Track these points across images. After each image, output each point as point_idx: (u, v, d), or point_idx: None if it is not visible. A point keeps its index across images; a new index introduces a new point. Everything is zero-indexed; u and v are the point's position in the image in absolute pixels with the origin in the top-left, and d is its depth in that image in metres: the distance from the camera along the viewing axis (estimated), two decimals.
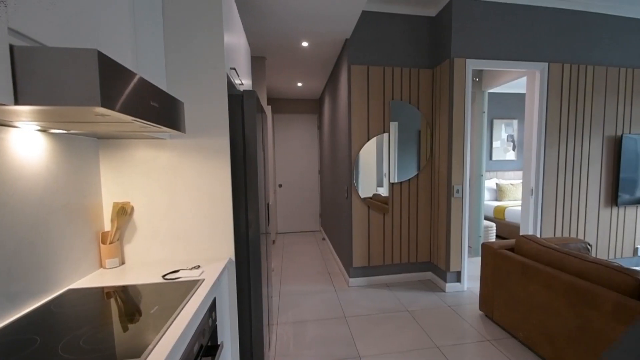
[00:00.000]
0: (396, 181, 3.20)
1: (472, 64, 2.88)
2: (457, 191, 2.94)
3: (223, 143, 1.54)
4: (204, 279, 1.28)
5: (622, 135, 3.23)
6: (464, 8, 2.81)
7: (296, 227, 5.83)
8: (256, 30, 2.84)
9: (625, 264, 3.46)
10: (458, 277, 3.06)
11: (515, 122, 5.86)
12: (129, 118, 0.83)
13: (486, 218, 5.22)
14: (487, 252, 2.49)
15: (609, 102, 3.24)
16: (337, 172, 3.73)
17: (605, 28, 3.15)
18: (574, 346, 1.75)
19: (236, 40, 1.91)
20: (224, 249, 1.58)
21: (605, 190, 3.32)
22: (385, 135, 3.14)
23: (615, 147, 3.30)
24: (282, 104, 5.63)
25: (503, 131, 5.84)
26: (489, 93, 5.71)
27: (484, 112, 3.99)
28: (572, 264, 1.88)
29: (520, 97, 5.86)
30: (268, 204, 2.06)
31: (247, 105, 1.59)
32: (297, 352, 2.10)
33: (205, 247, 1.57)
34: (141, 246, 1.53)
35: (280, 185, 5.68)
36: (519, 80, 4.88)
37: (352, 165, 3.11)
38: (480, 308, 2.57)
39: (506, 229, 4.73)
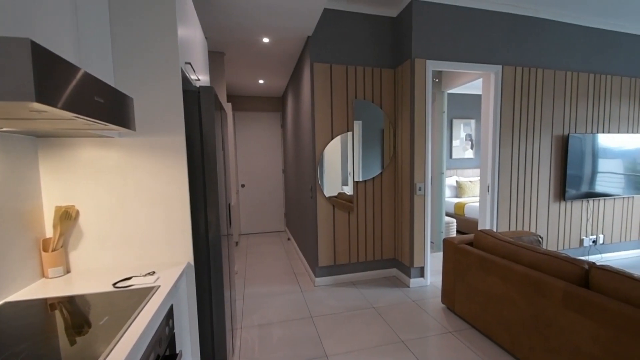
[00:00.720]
0: (361, 180, 3.27)
1: (432, 65, 3.02)
2: (420, 189, 3.07)
3: (178, 141, 1.49)
4: (159, 286, 1.24)
5: (568, 135, 3.54)
6: (424, 10, 2.94)
7: (260, 227, 5.77)
8: (213, 23, 2.77)
9: (572, 254, 3.81)
10: (421, 273, 3.20)
11: (473, 121, 6.23)
12: (70, 114, 0.78)
13: (447, 214, 5.51)
14: (449, 247, 2.63)
15: (557, 104, 3.54)
16: (302, 171, 3.74)
17: (553, 34, 3.44)
18: (528, 333, 1.90)
19: (191, 33, 1.86)
20: (182, 253, 1.53)
21: (554, 186, 3.64)
22: (349, 134, 3.21)
23: (563, 145, 3.62)
24: (244, 102, 5.53)
25: (462, 130, 6.18)
26: (449, 94, 6.01)
27: (444, 112, 4.20)
28: (525, 256, 2.04)
29: (478, 97, 6.24)
30: (230, 205, 2.02)
31: (204, 102, 1.55)
32: (262, 355, 2.09)
33: (160, 252, 1.51)
34: (89, 253, 1.43)
35: (242, 185, 5.59)
36: (476, 82, 5.19)
37: (316, 164, 3.14)
38: (443, 301, 2.70)
39: (466, 224, 5.02)
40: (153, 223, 1.49)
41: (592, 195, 3.71)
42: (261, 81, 4.63)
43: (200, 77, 2.15)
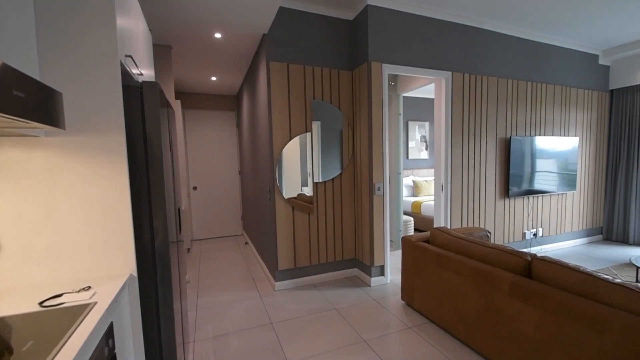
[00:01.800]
0: (320, 180, 3.27)
1: (388, 69, 3.11)
2: (379, 189, 3.14)
3: (117, 141, 1.36)
4: (95, 302, 1.12)
5: (510, 137, 3.85)
6: (378, 15, 3.02)
7: (215, 232, 5.55)
8: (159, 15, 2.61)
9: (516, 247, 4.15)
10: (382, 271, 3.27)
11: (427, 124, 6.56)
12: None
13: (405, 213, 5.72)
14: (407, 245, 2.71)
15: (500, 109, 3.84)
16: (259, 173, 3.65)
17: (496, 44, 3.72)
18: (481, 323, 2.01)
19: (133, 24, 1.72)
20: (123, 264, 1.40)
21: (500, 184, 3.93)
22: (308, 134, 3.19)
23: (506, 147, 3.92)
24: (195, 99, 5.29)
25: (417, 132, 6.48)
26: (404, 97, 6.27)
27: (400, 114, 4.36)
28: (476, 251, 2.16)
29: (431, 101, 6.58)
30: (179, 209, 1.89)
31: (147, 98, 1.43)
32: None
33: (97, 264, 1.36)
34: (9, 269, 1.26)
35: (194, 188, 5.33)
36: (429, 86, 5.46)
37: (274, 165, 3.08)
38: (402, 298, 2.78)
39: (423, 222, 5.25)
40: (88, 232, 1.34)
41: (531, 192, 4.06)
42: (214, 78, 4.46)
43: (144, 72, 2.00)
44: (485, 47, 3.65)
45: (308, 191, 3.24)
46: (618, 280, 1.49)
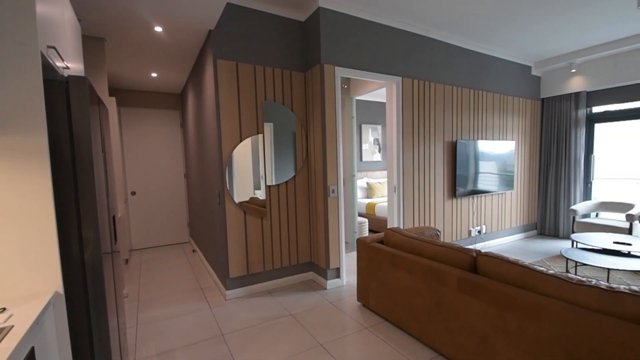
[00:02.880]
0: (274, 183, 3.23)
1: (341, 72, 3.17)
2: (333, 191, 3.18)
3: (38, 142, 1.21)
4: (12, 326, 0.98)
5: (456, 141, 4.14)
6: (330, 18, 3.07)
7: (159, 240, 5.22)
8: (89, 3, 2.39)
9: (463, 244, 4.45)
10: (338, 273, 3.31)
11: (379, 127, 6.81)
12: None
13: (360, 215, 5.87)
14: (362, 246, 2.78)
15: (446, 113, 4.10)
16: (207, 176, 3.51)
17: (442, 52, 3.98)
18: (432, 319, 2.12)
19: (57, 12, 1.55)
20: (47, 281, 1.24)
21: (447, 185, 4.20)
22: (260, 136, 3.13)
23: (452, 150, 4.21)
24: (133, 96, 4.93)
25: (370, 135, 6.70)
26: (357, 100, 6.44)
27: (353, 117, 4.47)
28: (427, 249, 2.28)
29: (384, 105, 6.85)
30: (114, 217, 1.74)
31: (74, 94, 1.30)
32: None
33: (14, 282, 1.20)
34: None
35: (133, 193, 4.97)
36: (381, 90, 5.67)
37: (223, 167, 2.97)
38: (358, 299, 2.84)
39: (377, 223, 5.42)
40: (2, 245, 1.17)
41: (476, 192, 4.40)
42: (154, 74, 4.20)
43: (71, 65, 1.81)
44: (432, 55, 3.89)
45: (261, 194, 3.18)
46: (551, 272, 1.66)
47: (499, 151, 4.61)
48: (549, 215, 5.29)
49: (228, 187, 2.99)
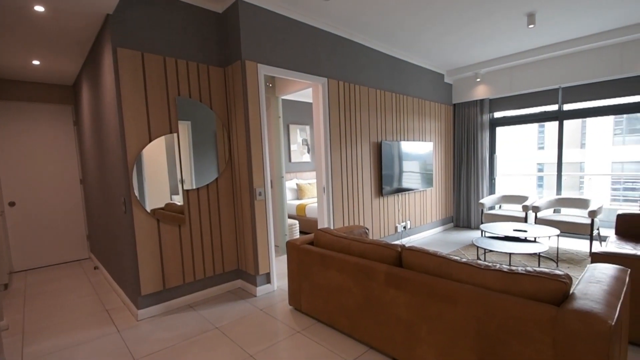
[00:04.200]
0: (194, 187, 3.04)
1: (264, 70, 3.13)
2: (260, 193, 3.12)
3: None
4: None
5: (381, 142, 4.41)
6: (251, 12, 3.01)
7: (50, 258, 4.52)
8: None
9: (390, 240, 4.75)
10: (268, 279, 3.25)
11: (308, 127, 6.92)
12: None
13: (290, 216, 5.88)
14: (292, 249, 2.77)
15: (371, 115, 4.35)
16: (109, 181, 3.15)
17: (365, 56, 4.21)
18: (362, 314, 2.21)
19: None
20: None
21: (374, 184, 4.44)
22: (175, 135, 2.92)
23: (378, 151, 4.47)
24: (9, 88, 4.17)
25: (298, 135, 6.77)
26: (284, 100, 6.46)
27: (280, 117, 4.46)
28: (356, 248, 2.37)
29: (311, 105, 6.98)
30: None
31: None
32: None
33: None
34: None
35: (11, 204, 4.23)
36: (308, 90, 5.77)
37: (129, 171, 2.69)
38: (290, 303, 2.83)
39: (308, 224, 5.49)
40: None
41: (400, 190, 4.74)
42: (36, 62, 3.62)
43: None
44: (356, 58, 4.09)
45: (180, 200, 2.96)
46: (464, 260, 1.85)
47: (419, 151, 5.04)
48: (463, 209, 5.98)
49: (137, 193, 2.71)
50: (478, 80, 5.57)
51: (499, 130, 5.81)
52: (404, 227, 4.96)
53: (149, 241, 2.78)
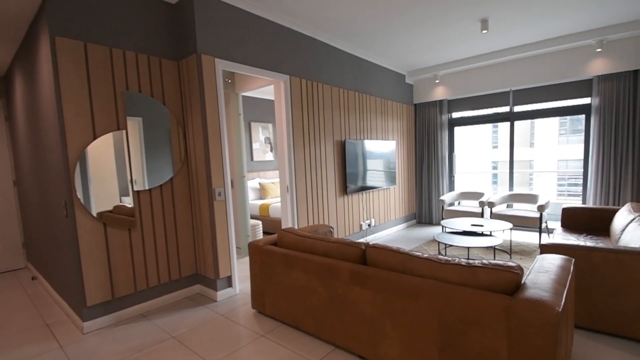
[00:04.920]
0: (146, 187, 2.88)
1: (222, 65, 3.04)
2: (219, 194, 3.03)
3: None
4: None
5: (345, 141, 4.45)
6: (207, 4, 2.90)
7: None
8: None
9: (355, 238, 4.82)
10: (229, 282, 3.16)
11: (270, 125, 6.84)
12: None
13: (253, 217, 5.77)
14: (254, 250, 2.71)
15: (335, 114, 4.38)
16: (48, 182, 2.90)
17: (329, 55, 4.23)
18: (328, 314, 2.21)
19: None
20: None
21: (339, 183, 4.48)
22: (124, 132, 2.75)
23: (342, 149, 4.51)
24: None
25: (261, 133, 6.67)
26: (246, 97, 6.33)
27: (240, 115, 4.35)
28: (320, 247, 2.36)
29: (274, 103, 6.90)
30: None
31: None
32: None
33: None
34: None
35: None
36: (270, 88, 5.69)
37: (71, 171, 2.48)
38: (253, 306, 2.77)
39: (272, 224, 5.42)
40: None
41: (365, 188, 4.82)
42: None
43: None
44: (319, 56, 4.09)
45: (131, 202, 2.80)
46: (425, 255, 1.91)
47: (383, 150, 5.16)
48: (424, 206, 6.21)
49: (80, 195, 2.51)
50: (437, 81, 5.81)
51: (457, 129, 6.10)
52: (369, 225, 5.05)
53: (94, 247, 2.59)
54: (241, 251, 4.42)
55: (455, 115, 6.00)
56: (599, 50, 4.28)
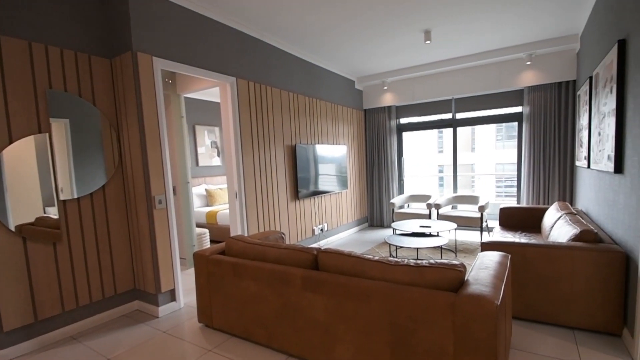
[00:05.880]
0: (74, 196, 2.64)
1: (161, 64, 2.89)
2: (160, 202, 2.87)
3: None
4: None
5: (295, 145, 4.46)
6: (143, 0, 2.77)
7: None
8: None
9: (308, 243, 4.82)
10: (172, 296, 2.99)
11: (217, 129, 6.65)
12: None
13: (199, 225, 5.54)
14: (200, 260, 2.60)
15: (285, 118, 4.37)
16: None
17: (278, 58, 4.22)
18: (280, 322, 2.18)
19: None
20: None
21: (290, 188, 4.46)
22: (47, 136, 2.50)
23: (293, 154, 4.51)
24: None
25: (207, 137, 6.45)
26: (189, 98, 6.08)
27: (183, 117, 4.17)
28: (271, 254, 2.33)
29: (219, 105, 6.72)
30: None
31: None
32: None
33: None
34: None
35: None
36: (215, 90, 5.54)
37: None
38: (200, 320, 2.65)
39: (220, 232, 5.24)
40: None
41: (317, 192, 4.86)
42: None
43: None
44: (267, 58, 4.07)
45: (57, 213, 2.54)
46: (376, 258, 1.97)
47: (334, 154, 5.25)
48: (376, 209, 6.42)
49: None
50: (385, 88, 6.06)
51: (406, 135, 6.40)
52: (322, 230, 5.09)
53: (10, 264, 2.31)
54: (186, 262, 4.22)
55: (403, 120, 6.30)
56: (529, 63, 4.75)
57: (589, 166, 3.30)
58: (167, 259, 2.92)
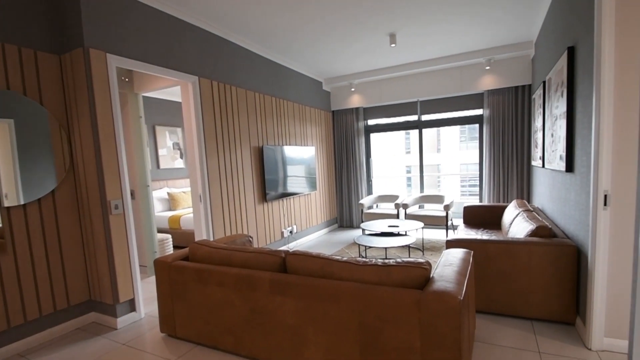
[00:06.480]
0: (21, 202, 2.46)
1: (116, 61, 2.76)
2: (117, 207, 2.73)
3: None
4: None
5: (262, 146, 4.41)
6: None
7: None
8: None
9: (276, 246, 4.77)
10: (132, 306, 2.86)
11: (179, 130, 6.44)
12: None
13: (162, 230, 5.33)
14: (161, 267, 2.50)
15: (251, 119, 4.31)
16: None
17: (243, 58, 4.16)
18: (248, 327, 2.14)
19: None
20: None
21: (257, 190, 4.41)
22: None
23: (260, 155, 4.46)
24: None
25: (168, 138, 6.22)
26: (149, 98, 5.85)
27: (141, 117, 4.00)
28: (237, 258, 2.29)
29: (181, 105, 6.51)
30: None
31: None
32: None
33: None
34: None
35: None
36: (177, 89, 5.36)
37: None
38: (162, 330, 2.56)
39: (184, 237, 5.08)
40: None
41: (285, 194, 4.83)
42: None
43: None
44: (232, 58, 4.00)
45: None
46: (345, 258, 1.98)
47: (302, 156, 5.24)
48: (345, 210, 6.48)
49: None
50: (352, 89, 6.14)
51: (373, 136, 6.52)
52: (291, 232, 5.06)
53: None
54: (147, 269, 4.05)
55: (370, 122, 6.41)
56: (488, 68, 5.00)
57: (543, 166, 3.52)
58: (126, 267, 2.79)
